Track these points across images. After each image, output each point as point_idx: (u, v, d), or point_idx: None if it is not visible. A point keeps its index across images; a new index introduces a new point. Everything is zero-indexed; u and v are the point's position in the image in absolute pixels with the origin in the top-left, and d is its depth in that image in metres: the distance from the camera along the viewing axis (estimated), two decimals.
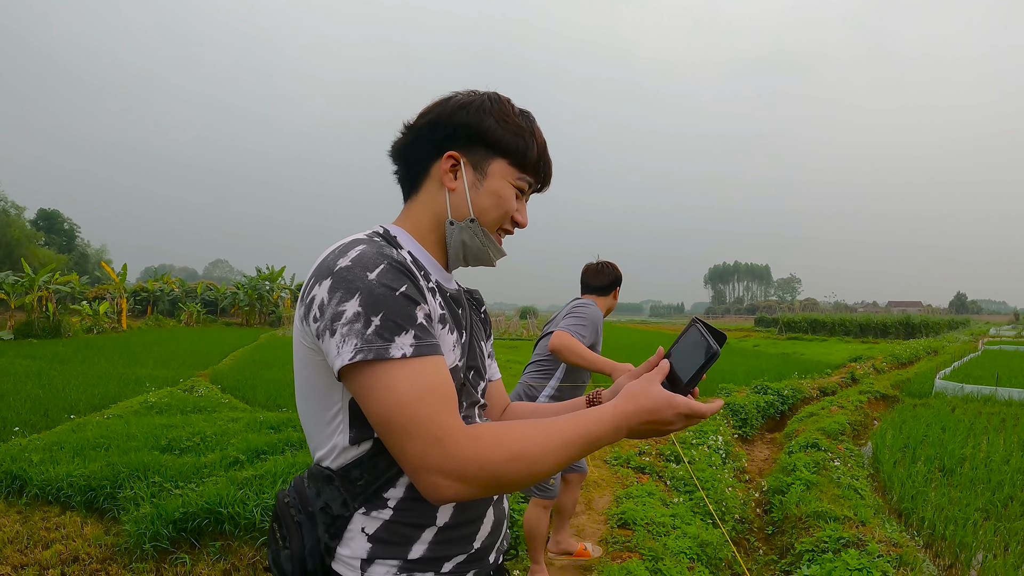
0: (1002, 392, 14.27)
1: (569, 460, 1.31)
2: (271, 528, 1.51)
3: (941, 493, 7.11)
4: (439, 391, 1.26)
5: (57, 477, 6.18)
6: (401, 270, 1.32)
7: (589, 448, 1.32)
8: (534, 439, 1.27)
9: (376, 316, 1.24)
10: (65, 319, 30.98)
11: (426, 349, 1.27)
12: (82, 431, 8.42)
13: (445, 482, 1.22)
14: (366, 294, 1.25)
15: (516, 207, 1.58)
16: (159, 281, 54.05)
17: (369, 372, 1.24)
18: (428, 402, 1.23)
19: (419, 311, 1.30)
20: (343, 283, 1.27)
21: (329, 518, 1.40)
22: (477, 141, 1.52)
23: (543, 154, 1.59)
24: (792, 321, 60.40)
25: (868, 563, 4.73)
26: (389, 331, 1.24)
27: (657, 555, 5.06)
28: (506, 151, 1.52)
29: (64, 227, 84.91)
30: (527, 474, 1.26)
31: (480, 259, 1.60)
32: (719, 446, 8.82)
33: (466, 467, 1.22)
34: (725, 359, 23.32)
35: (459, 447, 1.22)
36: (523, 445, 1.26)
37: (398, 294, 1.27)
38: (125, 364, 17.99)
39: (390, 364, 1.23)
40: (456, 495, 1.24)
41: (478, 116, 1.51)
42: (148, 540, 5.09)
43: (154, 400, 11.45)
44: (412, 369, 1.24)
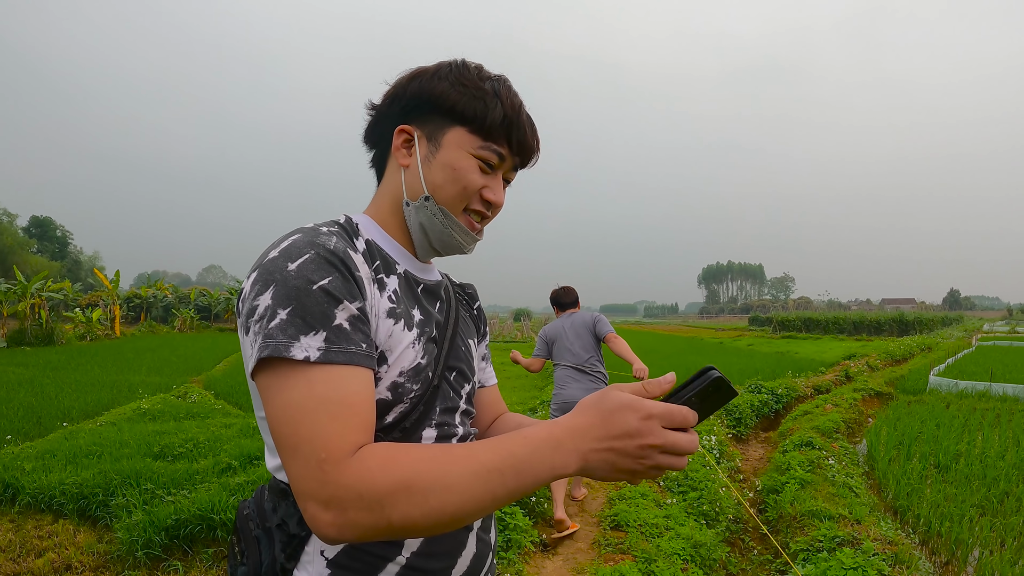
0: (996, 388, 14.30)
1: (488, 499, 1.01)
2: (230, 541, 1.34)
3: (936, 490, 7.10)
4: (338, 405, 1.04)
5: (50, 485, 6.16)
6: (330, 260, 1.14)
7: (518, 477, 1.01)
8: (435, 463, 1.00)
9: (284, 310, 1.07)
10: (58, 326, 30.89)
11: (337, 356, 1.07)
12: (75, 439, 8.38)
13: (323, 515, 0.98)
14: (280, 286, 1.09)
15: (484, 182, 1.35)
16: (152, 287, 53.85)
17: (267, 373, 1.07)
18: (319, 417, 1.02)
19: (340, 311, 1.11)
20: (263, 275, 1.12)
21: (286, 536, 1.23)
22: (431, 110, 1.33)
23: (513, 118, 1.33)
24: (786, 320, 60.54)
25: (863, 562, 4.72)
26: (295, 328, 1.06)
27: (650, 557, 5.05)
28: (463, 117, 1.31)
29: (57, 234, 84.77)
30: (423, 510, 0.98)
31: (447, 244, 1.38)
32: (713, 446, 8.82)
33: (344, 496, 0.98)
34: (719, 359, 23.35)
35: (340, 472, 0.99)
36: (417, 470, 0.99)
37: (315, 288, 1.09)
38: (118, 371, 17.93)
39: (288, 366, 1.05)
40: (337, 533, 0.99)
41: (432, 82, 1.33)
42: (141, 547, 5.08)
43: (147, 407, 11.41)
44: (312, 376, 1.05)
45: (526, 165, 1.43)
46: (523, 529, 5.44)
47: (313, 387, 1.04)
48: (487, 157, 1.33)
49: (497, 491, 1.01)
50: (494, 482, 1.01)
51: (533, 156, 1.42)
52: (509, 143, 1.35)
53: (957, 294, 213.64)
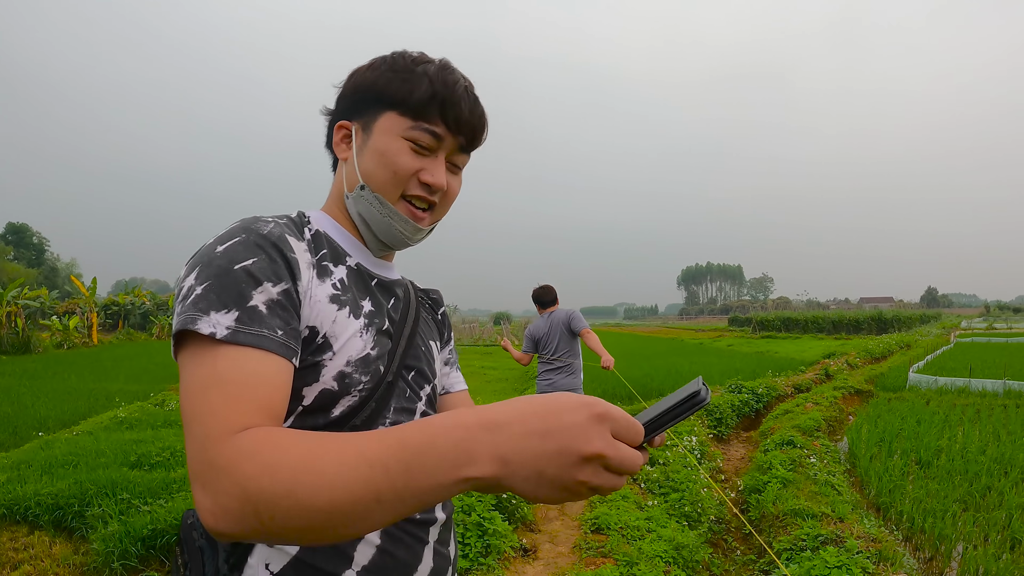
0: (975, 383, 14.44)
1: (369, 493, 0.80)
2: (175, 553, 1.27)
3: (919, 486, 7.13)
4: (235, 386, 0.97)
5: (25, 496, 6.06)
6: (258, 243, 1.11)
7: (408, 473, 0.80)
8: (310, 448, 0.85)
9: (200, 286, 1.04)
10: (35, 335, 30.60)
11: (247, 338, 1.01)
12: (51, 448, 8.28)
13: (203, 499, 0.86)
14: (203, 266, 1.07)
15: (419, 165, 1.28)
16: (130, 294, 53.44)
17: (182, 352, 1.03)
18: (214, 395, 0.95)
19: (258, 293, 1.06)
20: (195, 259, 1.10)
21: (229, 545, 1.16)
22: (366, 101, 1.31)
23: (445, 92, 1.27)
24: (765, 320, 60.80)
25: (847, 560, 4.71)
26: (207, 303, 1.02)
27: (632, 560, 5.02)
28: (392, 101, 1.27)
29: (33, 241, 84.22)
30: (288, 499, 0.81)
31: (389, 235, 1.33)
32: (694, 446, 8.81)
33: (218, 480, 0.86)
34: (700, 359, 23.41)
35: (218, 450, 0.89)
36: (289, 454, 0.85)
37: (236, 268, 1.06)
38: (95, 379, 17.76)
39: (197, 343, 1.01)
40: (215, 522, 0.85)
41: (364, 75, 1.32)
42: (117, 559, 5.01)
43: (124, 415, 11.28)
44: (216, 354, 0.99)
45: (473, 144, 1.36)
46: (502, 534, 5.40)
47: (216, 364, 0.98)
48: (418, 137, 1.27)
49: (381, 488, 0.81)
50: (377, 478, 0.81)
51: (477, 134, 1.35)
52: (445, 121, 1.29)
53: (935, 292, 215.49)
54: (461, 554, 5.04)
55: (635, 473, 0.84)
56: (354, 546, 1.18)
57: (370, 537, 1.19)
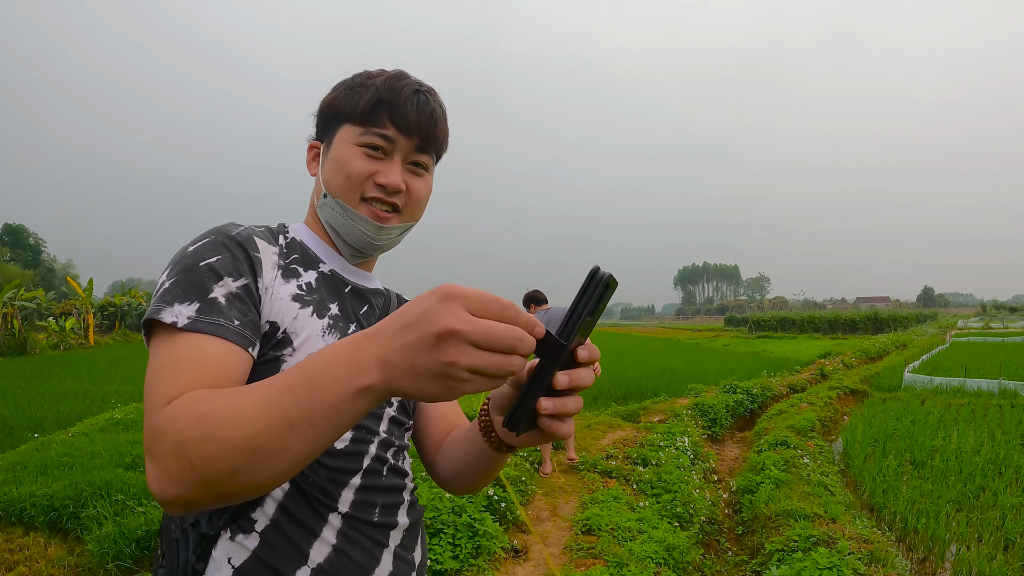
0: (971, 383, 14.47)
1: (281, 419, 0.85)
2: (156, 543, 1.30)
3: (912, 486, 7.16)
4: (187, 363, 1.03)
5: (20, 497, 6.08)
6: (224, 243, 1.19)
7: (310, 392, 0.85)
8: (231, 393, 0.92)
9: (169, 281, 1.13)
10: (31, 336, 30.59)
11: (204, 326, 1.08)
12: (46, 450, 8.28)
13: (150, 469, 0.91)
14: (174, 264, 1.16)
15: (373, 168, 1.33)
16: (127, 295, 53.30)
17: (150, 341, 1.11)
18: (167, 374, 1.02)
19: (219, 286, 1.13)
20: (171, 260, 1.19)
21: (197, 535, 1.21)
22: (328, 120, 1.40)
23: (388, 99, 1.33)
24: (761, 320, 60.90)
25: (838, 561, 4.74)
26: (172, 296, 1.10)
27: (622, 561, 5.04)
28: (344, 114, 1.35)
29: (29, 242, 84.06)
30: (217, 444, 0.86)
31: (353, 236, 1.37)
32: (687, 447, 8.83)
33: (158, 443, 0.91)
34: (695, 359, 23.42)
35: (158, 415, 0.95)
36: (214, 403, 0.91)
37: (201, 264, 1.15)
38: (91, 380, 17.75)
39: (161, 331, 1.09)
40: (160, 490, 0.90)
41: (327, 98, 1.40)
42: (111, 560, 5.04)
43: (120, 416, 11.27)
44: (176, 340, 1.06)
45: (428, 144, 1.38)
46: (493, 535, 5.42)
47: (174, 349, 1.06)
48: (369, 141, 1.32)
49: (290, 412, 0.86)
50: (285, 402, 0.86)
51: (430, 133, 1.37)
52: (395, 124, 1.33)
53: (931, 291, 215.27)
54: (451, 555, 5.06)
55: (514, 349, 0.81)
56: (309, 544, 1.20)
57: (326, 536, 1.22)
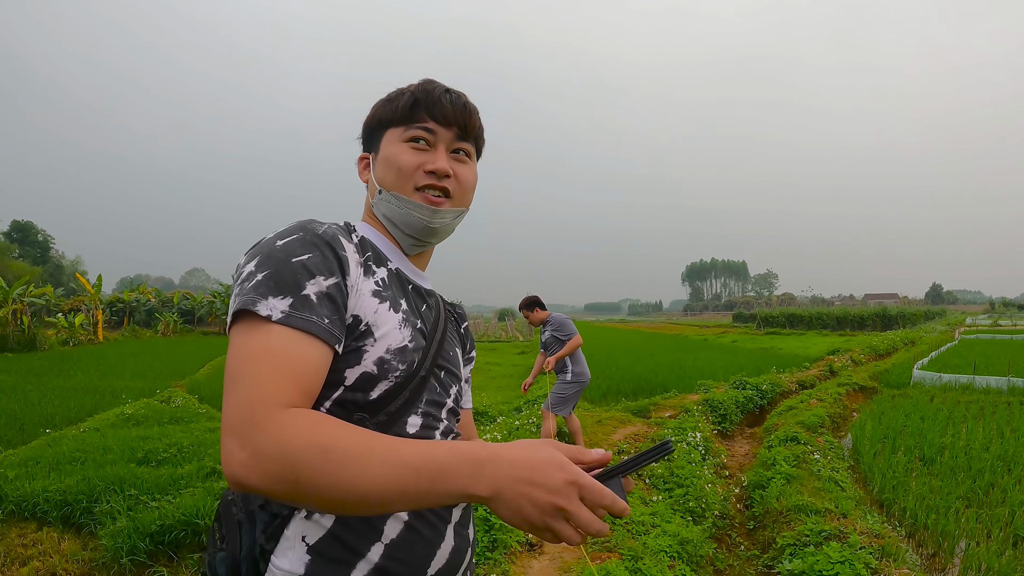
0: (979, 380, 14.43)
1: (397, 492, 1.02)
2: (211, 529, 1.39)
3: (922, 483, 7.14)
4: (284, 361, 1.12)
5: (33, 492, 6.11)
6: (313, 242, 1.26)
7: (431, 482, 1.03)
8: (358, 440, 1.04)
9: (261, 273, 1.19)
10: (40, 332, 30.67)
11: (298, 322, 1.15)
12: (58, 445, 8.32)
13: (238, 453, 1.03)
14: (263, 256, 1.23)
15: (420, 159, 1.47)
16: (135, 291, 53.40)
17: (236, 326, 1.17)
18: (264, 365, 1.10)
19: (311, 284, 1.21)
20: (255, 249, 1.27)
21: (268, 516, 1.28)
22: (374, 131, 1.54)
23: (423, 98, 1.48)
24: (769, 316, 60.62)
25: (850, 555, 4.74)
26: (266, 288, 1.17)
27: (637, 554, 5.04)
28: (387, 121, 1.51)
29: (38, 238, 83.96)
30: (331, 477, 1.00)
31: (410, 224, 1.48)
32: (698, 442, 8.83)
33: (263, 440, 1.02)
34: (704, 355, 23.40)
35: (268, 416, 1.05)
36: (342, 441, 1.03)
37: (293, 261, 1.21)
38: (101, 376, 17.81)
39: (253, 320, 1.15)
40: (246, 475, 1.02)
41: (369, 115, 1.55)
42: (125, 554, 5.05)
43: (130, 412, 11.34)
44: (270, 331, 1.14)
45: (467, 132, 1.52)
46: (509, 529, 5.43)
47: (268, 339, 1.13)
48: (413, 135, 1.47)
49: (408, 489, 1.03)
50: (408, 480, 1.03)
51: (466, 122, 1.51)
52: (433, 118, 1.48)
53: (939, 288, 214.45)
54: None
55: (593, 534, 1.05)
56: (384, 521, 1.30)
57: (399, 513, 1.30)
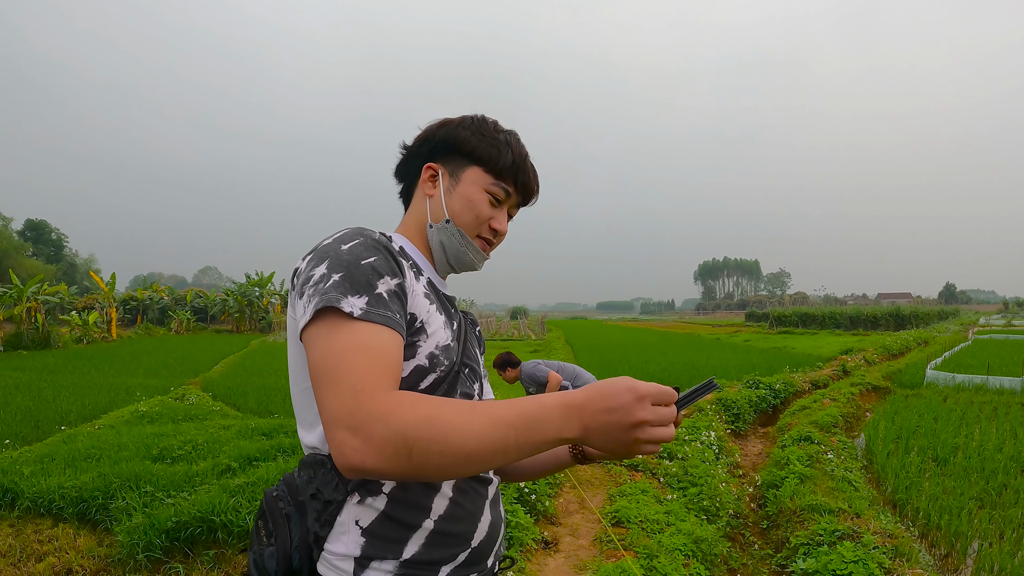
0: (993, 381, 14.36)
1: (500, 448, 1.14)
2: (255, 528, 1.43)
3: (935, 483, 7.13)
4: (376, 351, 1.21)
5: (49, 489, 6.15)
6: (376, 247, 1.37)
7: (529, 433, 1.15)
8: (458, 408, 1.15)
9: (337, 275, 1.28)
10: (54, 330, 30.88)
11: (376, 317, 1.26)
12: (73, 442, 8.38)
13: (351, 440, 1.11)
14: (333, 258, 1.31)
15: (492, 214, 1.62)
16: (148, 289, 53.69)
17: (317, 324, 1.25)
18: (359, 357, 1.19)
19: (381, 283, 1.31)
20: (319, 254, 1.35)
21: (320, 504, 1.35)
22: (454, 151, 1.60)
23: (519, 163, 1.62)
24: (782, 315, 60.40)
25: (864, 555, 4.73)
26: (344, 288, 1.26)
27: (652, 553, 5.05)
28: (480, 159, 1.59)
29: (52, 237, 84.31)
30: (441, 444, 1.10)
31: (462, 261, 1.63)
32: (712, 441, 8.83)
33: (373, 424, 1.11)
34: (717, 355, 23.36)
35: (373, 401, 1.13)
36: (443, 410, 1.14)
37: (363, 263, 1.31)
38: (115, 374, 17.91)
39: (337, 317, 1.24)
40: (361, 460, 1.11)
41: (456, 130, 1.60)
42: (141, 550, 5.07)
43: (145, 409, 11.40)
44: (355, 327, 1.23)
45: (527, 204, 1.73)
46: (525, 527, 5.45)
47: (355, 335, 1.22)
48: (496, 192, 1.61)
49: (508, 443, 1.15)
50: (508, 434, 1.15)
51: (533, 197, 1.71)
52: (515, 183, 1.63)
53: (953, 288, 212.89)
54: None
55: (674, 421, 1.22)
56: (431, 498, 1.41)
57: (444, 490, 1.43)
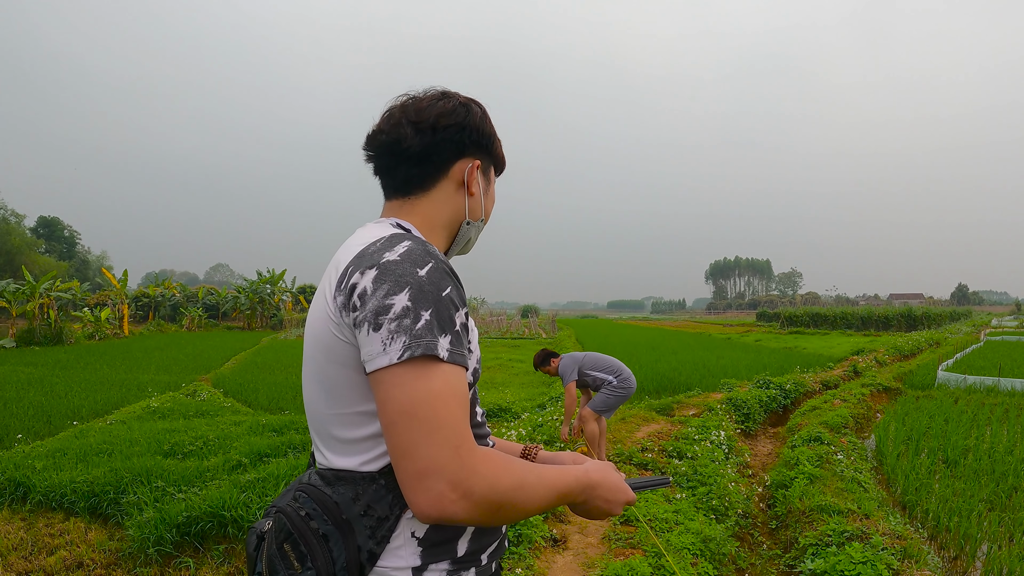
0: (1005, 383, 14.28)
1: (548, 506, 1.34)
2: (278, 551, 1.32)
3: (945, 485, 7.11)
4: (463, 399, 1.22)
5: (61, 483, 6.20)
6: (447, 272, 1.30)
7: (561, 499, 1.39)
8: (533, 476, 1.30)
9: (426, 312, 1.21)
10: (67, 326, 31.06)
11: (458, 357, 1.24)
12: (85, 437, 8.43)
13: (451, 494, 1.15)
14: (416, 290, 1.22)
15: None
16: (160, 286, 53.95)
17: (406, 366, 1.18)
18: (451, 406, 1.19)
19: (458, 317, 1.28)
20: (390, 275, 1.23)
21: (374, 521, 1.29)
22: (486, 149, 1.61)
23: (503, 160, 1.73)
24: (793, 315, 60.18)
25: (872, 556, 4.72)
26: (437, 328, 1.22)
27: (660, 551, 5.05)
28: (498, 163, 1.68)
29: (64, 234, 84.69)
30: (522, 507, 1.27)
31: (466, 249, 1.69)
32: (722, 441, 8.82)
33: (476, 483, 1.17)
34: (727, 354, 23.31)
35: (475, 460, 1.18)
36: (527, 479, 1.27)
37: (443, 295, 1.25)
38: (127, 370, 17.99)
39: (428, 362, 1.19)
40: (455, 512, 1.16)
41: (484, 124, 1.58)
42: (152, 545, 5.11)
43: (156, 405, 11.47)
44: (445, 371, 1.21)
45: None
46: (534, 524, 5.47)
47: (447, 380, 1.21)
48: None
49: (550, 505, 1.35)
50: (552, 499, 1.34)
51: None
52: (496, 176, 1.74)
53: (965, 289, 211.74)
54: None
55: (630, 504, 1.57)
56: None
57: None
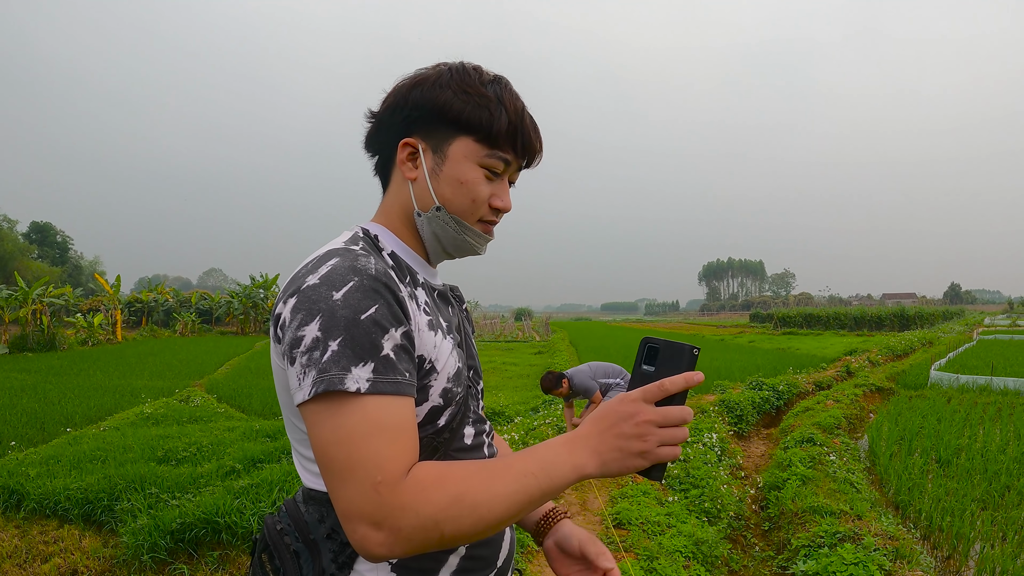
0: (997, 382, 14.33)
1: (526, 500, 1.09)
2: (258, 560, 1.31)
3: (938, 484, 7.14)
4: (392, 431, 1.07)
5: (54, 490, 6.18)
6: (374, 288, 1.13)
7: (549, 483, 1.10)
8: (481, 476, 1.09)
9: (334, 342, 1.08)
10: (60, 332, 30.91)
11: (385, 386, 1.08)
12: (79, 444, 8.42)
13: (375, 535, 1.02)
14: (327, 317, 1.09)
15: (491, 191, 1.35)
16: (153, 291, 53.75)
17: (319, 403, 1.08)
18: (374, 442, 1.05)
19: (387, 340, 1.11)
20: (305, 303, 1.12)
21: (337, 545, 1.22)
22: (436, 120, 1.31)
23: (517, 122, 1.32)
24: (787, 316, 60.36)
25: (864, 557, 4.74)
26: (346, 360, 1.07)
27: (652, 554, 5.06)
28: (469, 127, 1.29)
29: (57, 240, 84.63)
30: (473, 520, 1.05)
31: (462, 249, 1.39)
32: (714, 443, 8.83)
33: (400, 517, 1.02)
34: (721, 356, 23.35)
35: (396, 494, 1.03)
36: (468, 485, 1.06)
37: (363, 319, 1.10)
38: (121, 376, 17.96)
39: (341, 396, 1.07)
40: (389, 551, 1.03)
41: (434, 91, 1.30)
42: (146, 551, 5.09)
43: (150, 411, 11.44)
44: (365, 405, 1.07)
45: (531, 166, 1.42)
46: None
47: (366, 415, 1.06)
48: (493, 165, 1.32)
49: (532, 492, 1.09)
50: (531, 484, 1.09)
51: (537, 156, 1.40)
52: (514, 148, 1.33)
53: (958, 288, 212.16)
54: None
55: (689, 419, 1.13)
56: None
57: None
